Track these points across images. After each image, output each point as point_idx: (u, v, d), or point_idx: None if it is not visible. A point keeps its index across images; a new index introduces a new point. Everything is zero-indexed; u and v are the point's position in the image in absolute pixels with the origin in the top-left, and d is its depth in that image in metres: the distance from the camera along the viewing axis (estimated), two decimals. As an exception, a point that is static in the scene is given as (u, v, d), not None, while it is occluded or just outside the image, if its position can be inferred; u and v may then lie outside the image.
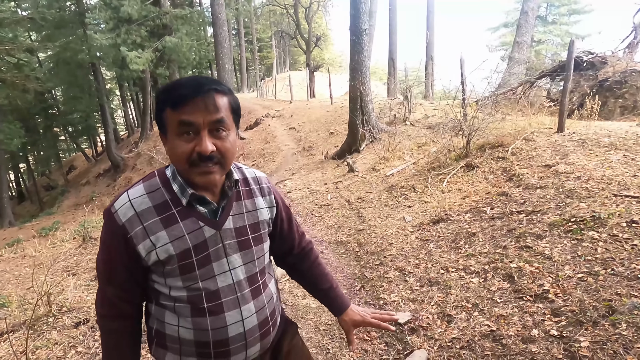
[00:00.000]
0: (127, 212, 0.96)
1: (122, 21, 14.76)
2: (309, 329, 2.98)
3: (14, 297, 3.98)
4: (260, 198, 1.13)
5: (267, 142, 14.31)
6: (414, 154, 7.44)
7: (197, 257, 0.98)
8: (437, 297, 2.90)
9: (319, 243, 4.89)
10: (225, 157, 0.97)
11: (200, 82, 0.93)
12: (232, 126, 0.99)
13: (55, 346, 2.86)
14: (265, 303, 1.09)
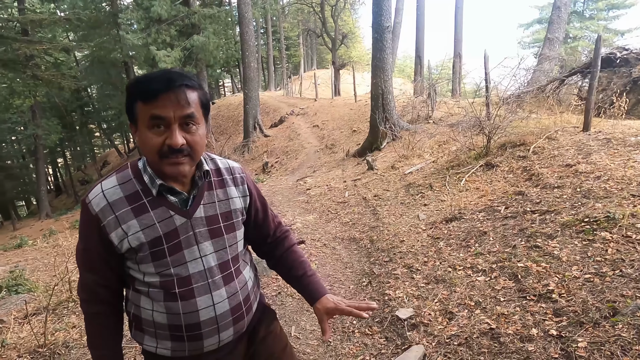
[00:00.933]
0: (100, 202, 1.00)
1: (152, 21, 15.20)
2: (312, 322, 3.02)
3: (40, 283, 4.22)
4: (232, 187, 1.15)
5: (290, 140, 14.43)
6: (434, 152, 7.35)
7: (167, 244, 1.02)
8: (441, 294, 2.88)
9: (332, 239, 4.93)
10: (195, 149, 1.00)
11: (172, 77, 0.95)
12: (201, 120, 1.01)
13: (73, 329, 3.03)
14: (238, 289, 1.12)
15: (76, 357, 2.69)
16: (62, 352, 2.73)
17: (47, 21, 14.57)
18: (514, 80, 7.45)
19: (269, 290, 3.57)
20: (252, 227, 1.24)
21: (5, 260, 6.41)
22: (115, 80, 21.31)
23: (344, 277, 3.81)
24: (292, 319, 3.08)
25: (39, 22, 14.31)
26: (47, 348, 2.74)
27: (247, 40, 14.37)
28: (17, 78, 14.59)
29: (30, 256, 6.73)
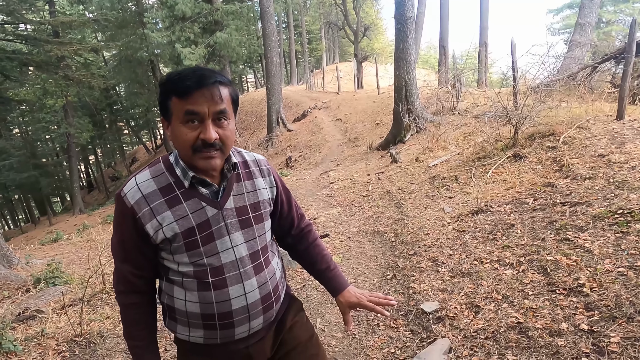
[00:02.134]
0: (135, 195, 1.04)
1: (177, 19, 15.44)
2: (337, 315, 3.04)
3: (75, 275, 4.40)
4: (260, 179, 1.18)
5: (313, 134, 14.45)
6: (459, 144, 7.23)
7: (200, 234, 1.05)
8: (467, 287, 2.85)
9: (356, 232, 4.93)
10: (226, 144, 1.04)
11: (205, 74, 0.98)
12: (232, 115, 1.05)
13: (107, 319, 3.15)
14: (267, 279, 1.15)
15: (110, 347, 2.80)
16: (97, 341, 2.85)
17: (76, 23, 15.03)
18: (543, 68, 7.23)
19: (294, 283, 3.60)
20: (277, 218, 1.28)
21: (43, 254, 6.71)
22: (141, 79, 21.79)
23: (369, 270, 3.81)
24: (317, 312, 3.11)
25: (69, 24, 14.79)
26: (83, 337, 2.86)
27: (269, 35, 14.43)
28: (50, 79, 15.13)
29: (66, 250, 7.02)
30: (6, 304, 3.67)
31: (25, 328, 3.10)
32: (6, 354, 2.72)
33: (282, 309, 1.26)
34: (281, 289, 1.24)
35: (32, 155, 23.19)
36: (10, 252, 4.96)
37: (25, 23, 14.64)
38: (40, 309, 3.36)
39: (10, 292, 4.05)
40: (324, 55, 34.61)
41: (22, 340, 2.86)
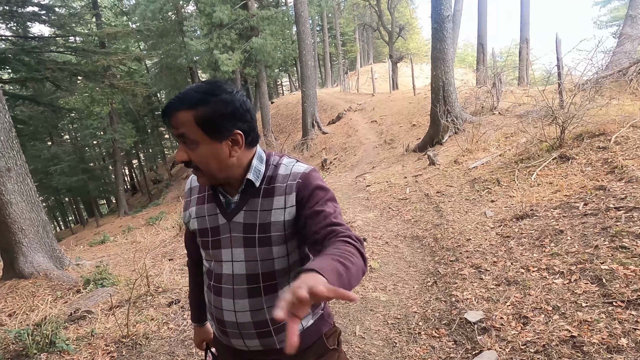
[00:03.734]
0: (188, 184, 1.23)
1: (214, 26, 15.85)
2: (377, 322, 2.99)
3: (121, 277, 4.57)
4: (279, 197, 1.06)
5: (348, 136, 14.41)
6: (500, 145, 6.97)
7: (212, 238, 1.12)
8: (513, 297, 2.73)
9: (394, 237, 4.85)
10: (198, 166, 1.02)
11: (169, 103, 0.99)
12: (202, 139, 0.99)
13: (152, 321, 3.24)
14: (264, 307, 1.07)
15: (155, 348, 2.88)
16: (142, 342, 2.94)
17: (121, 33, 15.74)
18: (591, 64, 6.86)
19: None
20: (300, 235, 1.09)
21: (91, 255, 7.04)
22: (181, 85, 22.50)
23: (408, 276, 3.73)
24: (356, 318, 3.07)
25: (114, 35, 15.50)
26: (130, 338, 2.96)
27: (303, 39, 14.53)
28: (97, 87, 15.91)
29: (112, 251, 7.33)
30: (59, 304, 3.87)
31: (77, 328, 3.25)
32: (60, 352, 2.86)
33: (302, 344, 1.06)
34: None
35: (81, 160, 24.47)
36: (62, 253, 5.22)
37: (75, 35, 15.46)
38: (90, 310, 3.51)
39: (62, 292, 4.26)
40: (358, 56, 34.50)
41: (73, 340, 2.99)
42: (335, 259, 0.84)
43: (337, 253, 0.87)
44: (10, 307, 3.94)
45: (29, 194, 4.82)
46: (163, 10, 18.09)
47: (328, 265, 0.80)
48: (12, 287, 4.41)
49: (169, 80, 21.86)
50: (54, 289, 4.34)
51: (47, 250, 4.90)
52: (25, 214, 4.70)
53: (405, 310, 3.11)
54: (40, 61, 12.78)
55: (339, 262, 0.83)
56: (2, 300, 4.15)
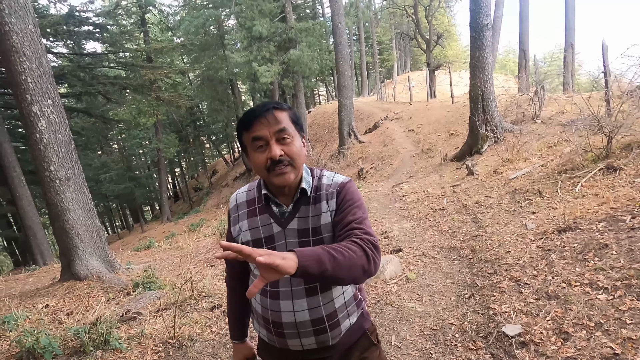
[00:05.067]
0: (232, 201, 1.32)
1: (254, 39, 16.34)
2: (413, 332, 3.02)
3: (167, 281, 4.82)
4: (324, 202, 1.21)
5: (385, 145, 14.38)
6: (542, 155, 6.78)
7: (266, 246, 1.20)
8: (554, 312, 2.68)
9: (431, 248, 4.84)
10: (293, 158, 1.14)
11: (263, 104, 1.15)
12: (295, 134, 1.16)
13: (195, 324, 3.42)
14: (320, 304, 1.19)
15: (199, 350, 3.04)
16: (187, 344, 3.11)
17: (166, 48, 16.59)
18: None
19: (368, 297, 3.63)
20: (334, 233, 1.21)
21: (138, 260, 7.42)
22: (222, 96, 23.31)
23: (444, 287, 3.72)
24: (392, 328, 3.11)
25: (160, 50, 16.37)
26: (176, 340, 3.14)
27: (340, 50, 14.70)
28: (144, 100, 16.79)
29: (157, 257, 7.69)
30: (111, 305, 4.14)
31: (128, 328, 3.47)
32: (113, 351, 3.07)
33: (350, 341, 1.28)
34: (342, 317, 1.24)
35: (128, 168, 25.77)
36: (114, 258, 5.56)
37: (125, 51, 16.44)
38: (140, 312, 3.73)
39: (114, 294, 4.55)
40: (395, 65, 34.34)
41: (125, 339, 3.21)
42: (324, 249, 0.96)
43: (332, 246, 0.99)
44: (68, 307, 4.25)
45: (85, 202, 5.19)
46: (206, 25, 18.85)
47: (310, 251, 0.93)
48: (69, 288, 4.75)
49: (210, 91, 22.67)
50: (107, 290, 4.64)
51: (100, 254, 5.25)
52: (81, 220, 5.06)
53: (441, 321, 3.12)
54: (93, 76, 13.69)
55: (327, 252, 0.95)
56: (61, 300, 4.48)
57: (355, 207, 1.18)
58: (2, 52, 4.70)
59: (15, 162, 11.69)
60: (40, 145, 4.81)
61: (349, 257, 0.98)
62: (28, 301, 4.64)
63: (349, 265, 0.97)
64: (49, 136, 4.83)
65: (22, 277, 7.40)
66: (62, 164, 4.95)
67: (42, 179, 4.94)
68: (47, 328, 3.61)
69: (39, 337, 3.12)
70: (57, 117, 4.94)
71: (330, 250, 0.96)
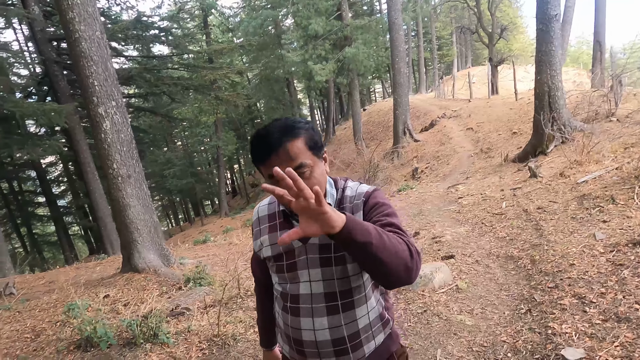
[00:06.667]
0: (255, 214, 1.30)
1: (310, 38, 16.47)
2: (461, 347, 2.84)
3: (217, 277, 4.95)
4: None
5: (441, 144, 13.88)
6: (617, 157, 6.16)
7: (287, 262, 1.16)
8: (624, 336, 2.39)
9: (485, 256, 4.56)
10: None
11: (272, 139, 1.02)
12: (314, 162, 1.07)
13: (240, 323, 3.47)
14: (342, 323, 1.13)
15: (242, 350, 3.08)
16: (230, 343, 3.16)
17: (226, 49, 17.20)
18: None
19: (414, 306, 3.49)
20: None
21: (194, 254, 7.73)
22: (278, 95, 23.81)
23: (498, 300, 3.48)
24: (437, 341, 2.95)
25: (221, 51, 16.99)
26: (220, 338, 3.20)
27: (397, 47, 14.38)
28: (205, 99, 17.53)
29: (211, 252, 7.97)
30: (164, 299, 4.32)
31: (176, 323, 3.60)
32: (161, 344, 3.19)
33: None
34: (365, 339, 1.17)
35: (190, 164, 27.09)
36: (169, 252, 5.83)
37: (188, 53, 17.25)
38: (188, 307, 3.86)
39: (167, 288, 4.76)
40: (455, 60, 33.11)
41: (173, 334, 3.32)
42: (373, 225, 0.92)
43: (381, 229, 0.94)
44: (126, 298, 4.50)
45: (144, 198, 5.47)
46: (264, 25, 19.30)
47: (359, 220, 0.90)
48: (128, 280, 5.04)
49: (267, 90, 23.22)
50: (161, 284, 4.86)
51: (157, 248, 5.52)
52: (140, 216, 5.34)
53: (493, 337, 2.90)
54: (158, 77, 14.51)
55: (374, 228, 0.90)
56: (120, 291, 4.76)
57: (386, 213, 1.10)
58: (72, 57, 5.08)
59: (90, 158, 12.66)
60: (105, 144, 5.13)
61: (395, 244, 0.93)
62: (92, 290, 4.98)
63: (394, 250, 0.91)
64: (112, 136, 5.14)
65: (92, 265, 7.99)
66: (124, 162, 5.24)
67: (106, 175, 5.28)
68: (105, 317, 3.84)
69: (96, 327, 3.32)
70: (120, 118, 5.24)
71: (379, 228, 0.92)
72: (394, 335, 1.26)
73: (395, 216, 1.13)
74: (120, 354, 3.16)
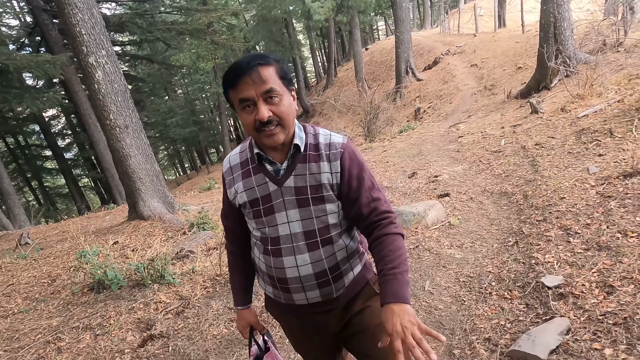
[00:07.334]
0: (225, 164, 1.29)
1: (307, -27, 15.60)
2: (449, 279, 2.99)
3: (219, 222, 5.12)
4: (326, 163, 1.18)
5: (445, 82, 13.57)
6: (621, 89, 6.02)
7: (263, 206, 1.20)
8: (602, 263, 2.50)
9: (480, 193, 4.64)
10: (282, 118, 1.10)
11: (246, 61, 1.07)
12: (283, 91, 1.11)
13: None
14: (322, 257, 1.20)
15: (242, 287, 3.27)
16: (232, 281, 3.35)
17: (220, -11, 16.29)
18: None
19: (406, 243, 3.62)
20: (345, 203, 1.22)
21: (198, 201, 7.94)
22: (277, 36, 22.97)
23: (488, 234, 3.60)
24: (427, 274, 3.11)
25: (214, -9, 16.12)
26: (222, 277, 3.39)
27: (398, -21, 13.63)
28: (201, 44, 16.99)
29: (216, 198, 8.16)
30: (169, 243, 4.52)
31: (181, 265, 3.80)
32: (167, 284, 3.40)
33: (352, 291, 1.29)
34: (345, 270, 1.25)
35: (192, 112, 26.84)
36: (173, 199, 5.99)
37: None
38: (192, 250, 4.05)
39: (173, 233, 4.95)
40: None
41: (178, 275, 3.52)
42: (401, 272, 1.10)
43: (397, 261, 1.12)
44: (134, 244, 4.72)
45: (143, 148, 5.54)
46: (259, -39, 18.23)
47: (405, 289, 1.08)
48: (135, 227, 5.24)
49: (265, 32, 22.40)
50: (166, 230, 5.06)
51: (160, 196, 5.67)
52: (141, 165, 5.44)
53: (479, 269, 3.05)
54: (151, 23, 14.00)
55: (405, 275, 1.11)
56: (128, 238, 4.97)
57: (370, 188, 1.21)
58: (57, 4, 4.92)
59: (90, 110, 12.57)
60: (99, 95, 5.11)
61: (404, 253, 1.16)
62: (102, 237, 5.20)
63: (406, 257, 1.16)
64: (106, 86, 5.10)
65: (102, 215, 8.27)
66: (120, 112, 5.25)
67: (103, 127, 5.31)
68: (115, 262, 4.06)
69: (106, 271, 3.52)
70: (111, 67, 5.17)
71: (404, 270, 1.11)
72: (368, 265, 1.36)
73: (377, 189, 1.23)
74: (131, 294, 3.38)
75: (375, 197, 1.21)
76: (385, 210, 1.21)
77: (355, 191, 1.20)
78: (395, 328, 0.98)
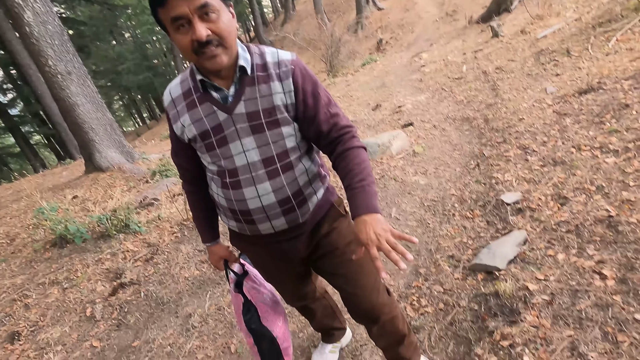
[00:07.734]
0: (167, 98, 1.15)
1: None
2: (414, 204, 3.07)
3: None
4: (277, 82, 1.09)
5: (406, 11, 13.17)
6: (578, 8, 6.01)
7: (215, 137, 1.09)
8: (557, 177, 2.61)
9: (443, 120, 4.67)
10: (223, 36, 0.98)
11: None
12: (220, 6, 0.98)
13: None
14: (284, 184, 1.14)
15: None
16: (200, 224, 3.31)
17: None
18: None
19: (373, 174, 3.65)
20: (302, 122, 1.16)
21: (159, 149, 7.67)
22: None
23: (451, 159, 3.67)
24: (393, 202, 3.17)
25: None
26: (189, 221, 3.34)
27: None
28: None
29: (178, 145, 7.89)
30: (132, 193, 4.38)
31: (147, 213, 3.71)
32: (134, 233, 3.33)
33: (319, 216, 1.27)
34: (308, 194, 1.21)
35: (143, 57, 25.27)
36: (132, 148, 5.74)
37: None
38: (157, 197, 3.95)
39: (134, 183, 4.79)
40: None
41: (144, 223, 3.45)
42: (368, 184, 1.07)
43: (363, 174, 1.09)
44: (95, 197, 4.54)
45: (92, 95, 5.17)
46: None
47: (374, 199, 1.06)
48: (94, 179, 5.03)
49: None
50: (127, 180, 4.88)
51: (117, 146, 5.41)
52: (92, 114, 5.11)
53: (443, 192, 3.13)
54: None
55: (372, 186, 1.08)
56: (88, 191, 4.78)
57: (327, 103, 1.15)
58: None
59: (29, 60, 11.52)
60: (32, 39, 4.64)
61: (369, 165, 1.13)
62: (59, 193, 4.98)
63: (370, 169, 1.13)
64: (38, 28, 4.62)
65: (58, 171, 7.88)
66: (60, 57, 4.81)
67: (44, 74, 4.88)
68: (77, 216, 3.92)
69: (67, 225, 3.40)
70: (42, 7, 4.65)
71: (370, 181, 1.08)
72: (330, 188, 1.32)
73: (334, 104, 1.17)
74: (96, 246, 3.30)
75: (333, 113, 1.15)
76: (345, 124, 1.16)
77: (312, 109, 1.13)
78: (370, 237, 0.97)
